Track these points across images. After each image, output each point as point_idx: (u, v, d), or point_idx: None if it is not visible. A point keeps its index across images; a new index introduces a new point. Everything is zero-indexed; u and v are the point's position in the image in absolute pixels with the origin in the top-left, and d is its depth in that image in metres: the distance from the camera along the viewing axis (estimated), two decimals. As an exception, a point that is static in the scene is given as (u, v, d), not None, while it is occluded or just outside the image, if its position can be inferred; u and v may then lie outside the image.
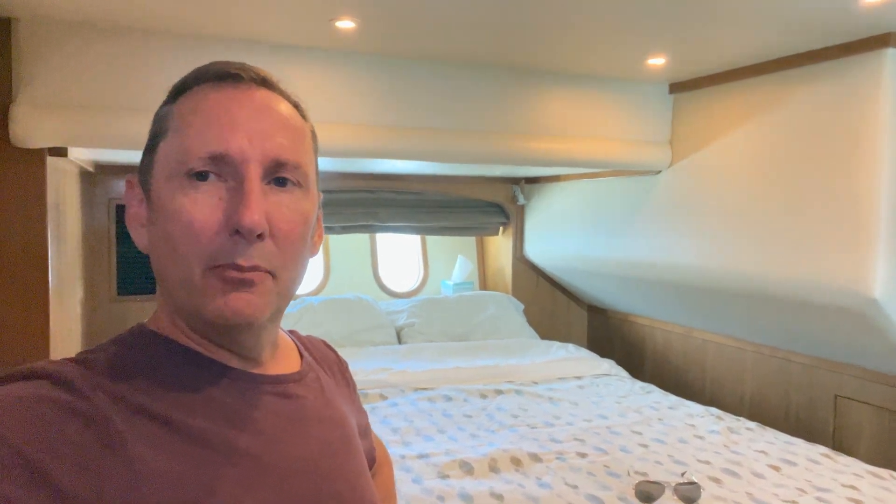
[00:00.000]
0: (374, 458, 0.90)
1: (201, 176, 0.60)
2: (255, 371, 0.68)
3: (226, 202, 0.60)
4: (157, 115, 0.67)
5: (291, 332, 0.83)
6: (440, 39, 2.26)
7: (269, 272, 0.62)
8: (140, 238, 0.67)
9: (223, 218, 0.60)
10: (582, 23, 2.05)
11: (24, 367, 0.58)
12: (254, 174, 0.61)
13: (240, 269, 0.60)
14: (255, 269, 0.61)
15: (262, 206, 0.60)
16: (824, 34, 2.09)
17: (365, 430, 0.87)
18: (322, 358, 0.84)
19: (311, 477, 0.66)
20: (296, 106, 0.68)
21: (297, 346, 0.79)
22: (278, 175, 0.63)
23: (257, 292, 0.61)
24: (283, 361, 0.74)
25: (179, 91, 0.66)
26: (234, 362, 0.67)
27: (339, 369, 0.87)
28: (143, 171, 0.66)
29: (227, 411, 0.63)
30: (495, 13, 1.97)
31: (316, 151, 0.71)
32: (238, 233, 0.59)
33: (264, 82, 0.66)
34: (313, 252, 0.69)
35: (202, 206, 0.60)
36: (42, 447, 0.51)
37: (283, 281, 0.64)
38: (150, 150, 0.65)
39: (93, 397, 0.56)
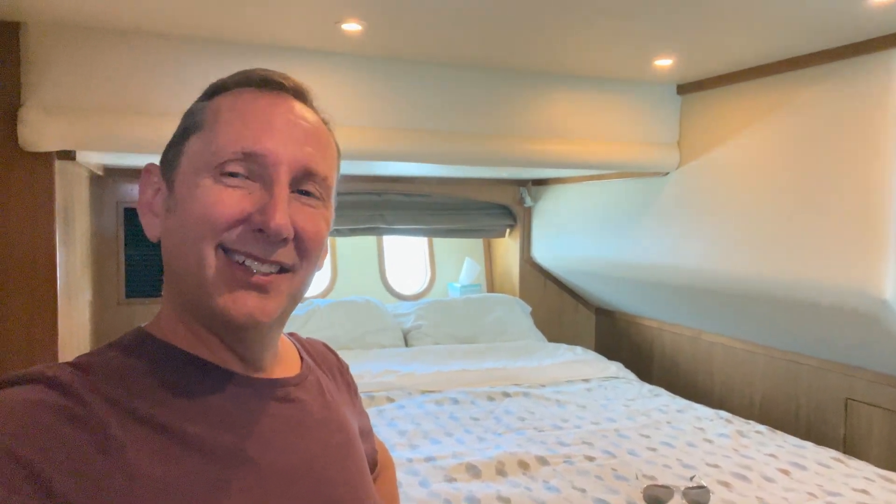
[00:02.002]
0: (376, 461, 0.90)
1: (232, 172, 0.61)
2: (257, 373, 0.68)
3: (254, 200, 0.61)
4: (190, 109, 0.67)
5: (292, 335, 0.82)
6: (447, 42, 2.26)
7: (288, 268, 0.63)
8: (152, 226, 0.67)
9: (248, 212, 0.60)
10: (589, 24, 2.04)
11: (21, 371, 0.57)
12: (284, 178, 0.62)
13: (260, 262, 0.61)
14: (276, 266, 0.62)
15: (288, 211, 0.61)
16: (833, 34, 2.07)
17: (366, 433, 0.87)
18: (323, 360, 0.84)
19: (311, 481, 0.66)
20: (325, 122, 0.70)
21: (298, 349, 0.79)
22: (306, 184, 0.64)
23: (271, 295, 0.62)
24: (284, 365, 0.73)
25: (218, 90, 0.67)
26: (236, 363, 0.67)
27: (340, 372, 0.87)
28: (166, 163, 0.66)
29: (226, 416, 0.63)
30: (503, 16, 1.97)
31: (339, 170, 0.72)
32: (261, 231, 0.60)
33: (301, 94, 0.68)
34: (319, 266, 0.70)
35: (227, 197, 0.61)
36: (38, 451, 0.51)
37: (298, 278, 0.65)
38: (179, 141, 0.66)
39: (90, 402, 0.56)
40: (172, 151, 0.66)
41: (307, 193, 0.64)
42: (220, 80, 0.68)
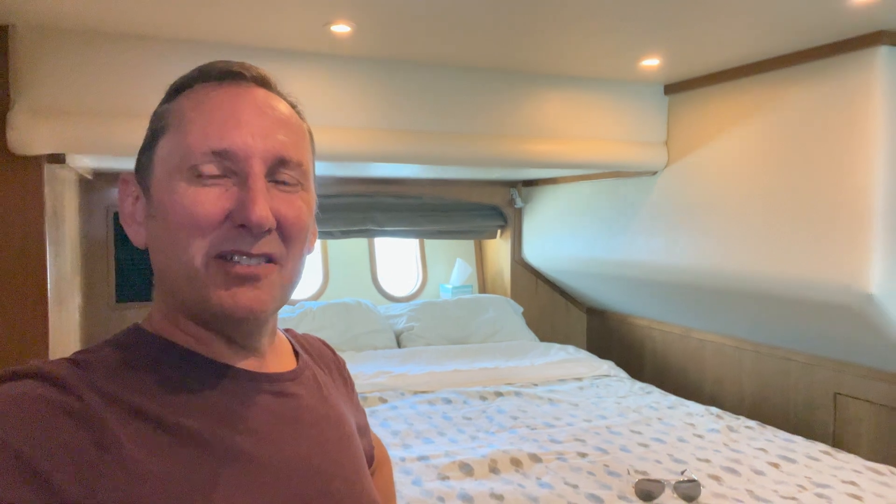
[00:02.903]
0: (374, 457, 0.90)
1: (204, 171, 0.61)
2: (253, 367, 0.68)
3: (231, 196, 0.61)
4: (156, 112, 0.67)
5: (287, 331, 0.82)
6: (436, 43, 2.27)
7: (276, 262, 0.63)
8: (137, 235, 0.67)
9: (229, 210, 0.60)
10: (576, 25, 2.06)
11: (18, 366, 0.58)
12: (258, 170, 0.61)
13: (248, 256, 0.61)
14: (263, 257, 0.62)
15: (267, 201, 0.61)
16: (816, 33, 2.10)
17: (363, 429, 0.87)
18: (319, 356, 0.84)
19: (308, 476, 0.66)
20: (293, 106, 0.69)
21: (293, 345, 0.79)
22: (281, 172, 0.64)
23: (263, 286, 0.62)
24: (280, 359, 0.74)
25: (180, 89, 0.66)
26: (232, 357, 0.67)
27: (337, 367, 0.87)
28: (140, 169, 0.67)
29: (223, 411, 0.63)
30: (490, 16, 1.98)
31: (313, 151, 0.72)
32: (244, 226, 0.60)
33: (264, 82, 0.67)
34: (309, 249, 0.70)
35: (205, 198, 0.60)
36: (36, 447, 0.51)
37: (287, 272, 0.65)
38: (149, 147, 0.66)
39: (87, 397, 0.56)
40: (144, 157, 0.66)
41: (284, 182, 0.64)
42: (180, 78, 0.67)
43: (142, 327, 0.67)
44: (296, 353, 0.78)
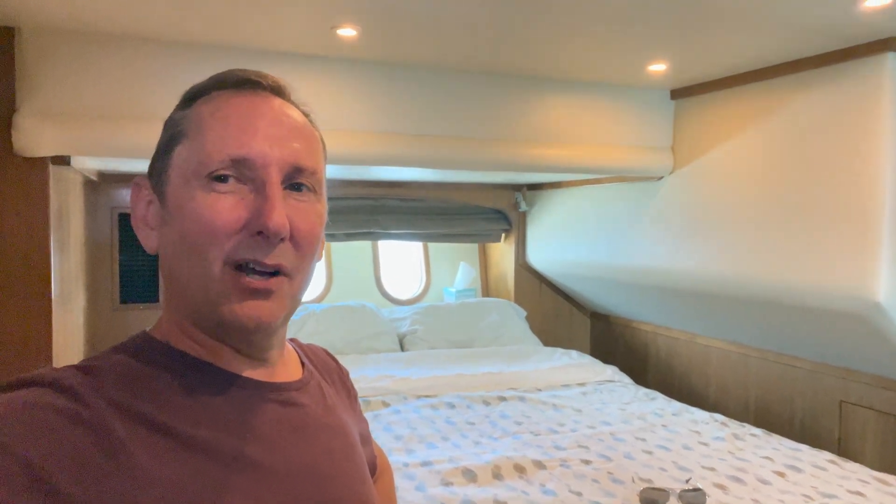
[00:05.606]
0: (376, 466, 0.90)
1: (221, 178, 0.61)
2: (261, 377, 0.69)
3: (248, 204, 0.61)
4: (171, 118, 0.67)
5: (292, 341, 0.83)
6: (442, 47, 2.27)
7: (287, 274, 0.64)
8: (149, 240, 0.67)
9: (245, 218, 0.61)
10: (583, 30, 2.06)
11: (26, 374, 0.58)
12: (275, 178, 0.62)
13: (262, 269, 0.61)
14: (277, 269, 0.62)
15: (283, 209, 0.62)
16: (825, 39, 2.09)
17: (366, 438, 0.87)
18: (323, 366, 0.84)
19: (314, 485, 0.66)
20: (307, 115, 0.70)
21: (299, 355, 0.80)
22: (296, 180, 0.64)
23: (274, 298, 0.63)
24: (287, 369, 0.74)
25: (196, 96, 0.67)
26: (241, 366, 0.67)
27: (340, 377, 0.87)
28: (154, 174, 0.67)
29: (230, 420, 0.63)
30: (497, 21, 1.98)
31: (325, 159, 0.72)
32: (260, 234, 0.60)
33: (280, 91, 0.68)
34: (318, 257, 0.70)
35: (223, 206, 0.61)
36: (44, 454, 0.51)
37: (297, 282, 0.65)
38: (165, 152, 0.66)
39: (95, 405, 0.56)
40: (160, 162, 0.66)
41: (298, 189, 0.65)
42: (197, 84, 0.67)
43: (150, 334, 0.67)
44: (301, 363, 0.78)
